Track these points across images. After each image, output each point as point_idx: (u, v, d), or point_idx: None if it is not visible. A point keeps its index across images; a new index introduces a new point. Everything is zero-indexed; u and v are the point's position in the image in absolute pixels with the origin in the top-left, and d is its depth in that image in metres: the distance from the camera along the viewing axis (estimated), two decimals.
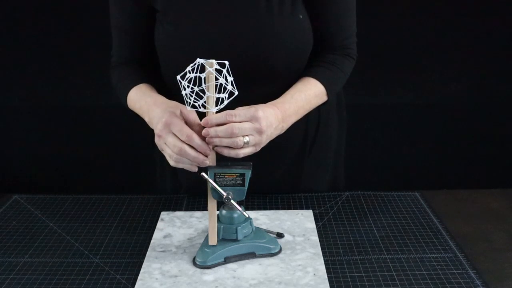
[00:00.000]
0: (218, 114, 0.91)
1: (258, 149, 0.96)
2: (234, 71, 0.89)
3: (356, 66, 1.18)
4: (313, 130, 1.22)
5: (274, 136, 1.00)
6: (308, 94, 1.07)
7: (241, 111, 0.93)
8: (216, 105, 0.90)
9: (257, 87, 1.08)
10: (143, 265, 0.95)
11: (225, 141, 0.91)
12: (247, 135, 0.92)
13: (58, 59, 2.00)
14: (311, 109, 1.10)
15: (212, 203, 0.95)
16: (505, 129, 2.18)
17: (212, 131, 0.90)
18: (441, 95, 2.15)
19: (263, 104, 0.99)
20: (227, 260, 0.95)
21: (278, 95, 1.05)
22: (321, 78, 1.10)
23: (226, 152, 0.93)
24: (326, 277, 0.91)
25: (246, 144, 0.93)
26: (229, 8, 1.05)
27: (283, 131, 1.02)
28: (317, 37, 1.11)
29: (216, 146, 0.92)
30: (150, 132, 1.03)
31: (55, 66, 2.01)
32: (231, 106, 0.91)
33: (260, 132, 0.94)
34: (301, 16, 1.07)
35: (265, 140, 0.96)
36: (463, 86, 2.14)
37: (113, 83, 1.17)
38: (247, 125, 0.92)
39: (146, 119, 1.03)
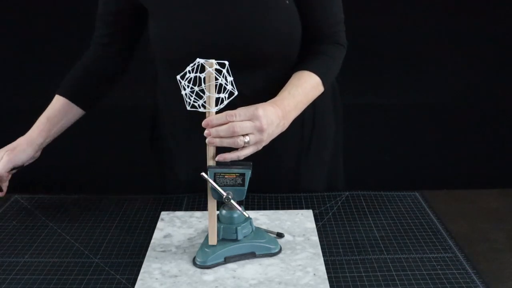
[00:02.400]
0: (218, 115, 0.91)
1: (260, 147, 0.96)
2: (225, 58, 0.89)
3: (356, 66, 1.18)
4: (309, 130, 1.22)
5: (276, 134, 1.00)
6: (304, 87, 1.08)
7: (241, 111, 0.93)
8: (216, 105, 0.90)
9: (249, 73, 1.08)
10: (143, 265, 0.95)
11: (226, 141, 0.91)
12: (247, 134, 0.92)
13: (59, 59, 1.99)
14: (309, 102, 1.10)
15: (212, 203, 0.95)
16: (505, 129, 2.19)
17: (213, 131, 0.90)
18: (441, 95, 2.15)
19: (263, 103, 0.99)
20: (227, 260, 0.95)
21: (271, 80, 1.06)
22: (314, 69, 1.10)
23: (229, 157, 0.92)
24: (326, 277, 0.91)
25: (246, 143, 0.93)
26: None
27: (284, 128, 1.02)
28: (305, 28, 1.12)
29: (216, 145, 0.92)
30: (150, 133, 1.03)
31: (56, 67, 2.01)
32: (230, 103, 0.91)
33: (261, 130, 0.94)
34: (287, 2, 1.08)
35: (266, 138, 0.96)
36: (463, 86, 2.14)
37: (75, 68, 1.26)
38: (248, 123, 0.92)
39: None
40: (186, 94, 0.89)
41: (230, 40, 1.05)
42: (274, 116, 0.97)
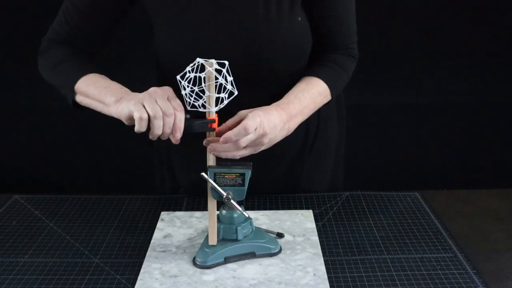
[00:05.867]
0: (235, 130, 0.90)
1: (258, 150, 0.96)
2: (234, 73, 0.89)
3: (357, 66, 1.18)
4: (314, 130, 1.22)
5: (279, 138, 0.99)
6: (312, 93, 1.07)
7: (251, 122, 0.91)
8: (216, 105, 0.90)
9: (256, 89, 1.08)
10: (143, 265, 0.95)
11: (225, 147, 0.92)
12: None
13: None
14: (316, 108, 1.09)
15: (212, 203, 0.95)
16: (505, 129, 2.19)
17: (219, 148, 0.91)
18: (441, 95, 2.15)
19: (266, 106, 0.98)
20: (227, 260, 0.95)
21: (278, 96, 1.05)
22: (323, 77, 1.10)
23: (224, 154, 0.93)
24: (326, 277, 0.91)
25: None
26: (227, 12, 1.04)
27: (289, 132, 1.02)
28: (318, 39, 1.11)
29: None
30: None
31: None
32: (231, 106, 0.91)
33: (262, 135, 0.94)
34: (299, 19, 1.07)
35: (267, 142, 0.96)
36: (463, 86, 2.14)
37: (54, 56, 1.10)
38: (251, 135, 0.92)
39: (110, 99, 0.96)
40: (186, 94, 0.89)
41: (241, 56, 1.04)
42: (278, 120, 0.97)
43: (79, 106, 1.07)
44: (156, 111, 0.88)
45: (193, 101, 0.89)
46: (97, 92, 1.00)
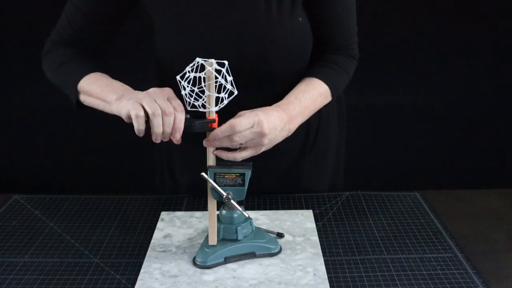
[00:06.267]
0: (222, 127, 0.90)
1: (259, 151, 0.96)
2: (235, 74, 0.89)
3: (357, 66, 1.18)
4: (314, 130, 1.22)
5: (280, 139, 0.99)
6: (312, 94, 1.07)
7: (244, 120, 0.92)
8: (216, 105, 0.90)
9: (257, 88, 1.08)
10: (143, 265, 0.95)
11: (224, 144, 0.92)
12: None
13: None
14: (317, 109, 1.09)
15: (212, 203, 0.95)
16: (505, 129, 2.19)
17: (217, 143, 0.91)
18: (441, 95, 2.15)
19: (266, 107, 0.99)
20: (227, 260, 0.95)
21: (279, 96, 1.05)
22: (324, 78, 1.10)
23: (225, 156, 0.93)
24: (326, 277, 0.91)
25: (241, 145, 0.93)
26: (228, 12, 1.04)
27: (290, 133, 1.02)
28: (318, 39, 1.11)
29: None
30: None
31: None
32: (232, 106, 0.91)
33: (262, 135, 0.93)
34: (300, 19, 1.07)
35: (267, 142, 0.96)
36: (463, 86, 2.15)
37: (57, 57, 1.10)
38: (247, 132, 0.92)
39: (112, 97, 0.97)
40: (186, 94, 0.89)
41: (241, 56, 1.04)
42: (278, 120, 0.97)
43: (83, 105, 1.07)
44: (154, 109, 0.88)
45: (193, 101, 0.89)
46: (99, 91, 1.01)
